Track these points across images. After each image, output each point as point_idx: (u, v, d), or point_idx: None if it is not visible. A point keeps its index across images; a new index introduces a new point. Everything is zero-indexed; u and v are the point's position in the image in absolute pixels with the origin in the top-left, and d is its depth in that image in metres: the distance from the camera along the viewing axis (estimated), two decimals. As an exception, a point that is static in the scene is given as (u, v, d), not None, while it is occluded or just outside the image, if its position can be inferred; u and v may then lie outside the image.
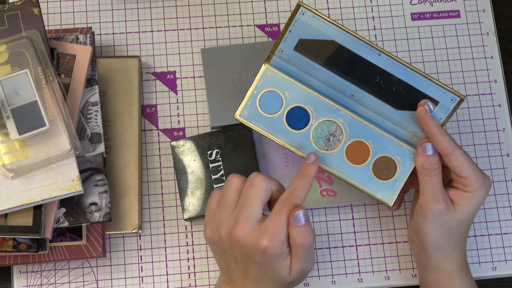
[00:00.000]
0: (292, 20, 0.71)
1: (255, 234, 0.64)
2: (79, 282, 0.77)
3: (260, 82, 0.74)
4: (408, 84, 0.72)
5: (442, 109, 0.72)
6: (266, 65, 0.74)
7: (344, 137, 0.74)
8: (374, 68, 0.72)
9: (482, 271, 0.80)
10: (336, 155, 0.74)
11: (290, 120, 0.74)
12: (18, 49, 0.71)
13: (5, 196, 0.69)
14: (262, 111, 0.74)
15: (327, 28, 0.71)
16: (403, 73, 0.71)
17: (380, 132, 0.74)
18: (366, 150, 0.74)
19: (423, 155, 0.70)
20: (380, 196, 0.73)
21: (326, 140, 0.74)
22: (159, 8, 0.86)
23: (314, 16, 0.71)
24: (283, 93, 0.74)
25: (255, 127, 0.73)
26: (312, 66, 0.73)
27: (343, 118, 0.74)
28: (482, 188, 0.69)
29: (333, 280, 0.79)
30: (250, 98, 0.74)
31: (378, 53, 0.71)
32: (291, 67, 0.74)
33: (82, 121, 0.75)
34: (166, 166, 0.81)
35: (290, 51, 0.73)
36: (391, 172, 0.74)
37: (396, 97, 0.72)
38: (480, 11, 0.87)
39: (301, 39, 0.72)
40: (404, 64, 0.71)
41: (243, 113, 0.74)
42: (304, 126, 0.74)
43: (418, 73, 0.71)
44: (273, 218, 0.64)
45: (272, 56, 0.73)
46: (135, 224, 0.77)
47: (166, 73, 0.84)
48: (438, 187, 0.69)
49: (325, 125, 0.74)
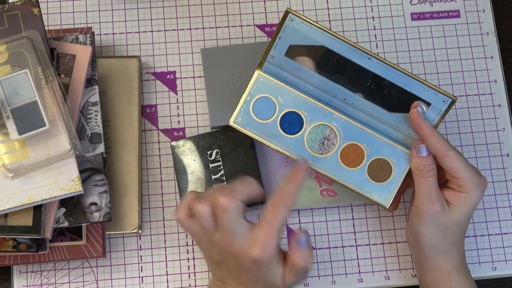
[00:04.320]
0: (281, 26, 0.71)
1: (246, 244, 0.63)
2: (79, 282, 0.77)
3: (253, 88, 0.74)
4: (400, 87, 0.72)
5: (435, 111, 0.72)
6: (258, 71, 0.74)
7: (338, 141, 0.74)
8: (365, 72, 0.72)
9: (482, 271, 0.80)
10: (331, 158, 0.74)
11: (284, 125, 0.74)
12: (18, 49, 0.71)
13: (5, 196, 0.69)
14: (256, 117, 0.74)
15: (316, 34, 0.71)
16: (394, 76, 0.71)
17: (374, 134, 0.74)
18: (361, 153, 0.74)
19: (418, 156, 0.70)
20: (376, 199, 0.74)
21: (321, 144, 0.74)
22: (159, 8, 0.86)
23: (303, 22, 0.71)
24: (276, 98, 0.74)
25: (249, 133, 0.74)
26: (304, 71, 0.73)
27: (337, 122, 0.74)
28: (478, 188, 0.69)
29: (333, 280, 0.79)
30: (244, 105, 0.74)
31: (368, 57, 0.71)
32: (283, 72, 0.74)
33: (82, 121, 0.75)
34: (166, 166, 0.81)
35: (281, 57, 0.73)
36: (386, 174, 0.74)
37: (388, 100, 0.73)
38: (480, 11, 0.87)
39: (292, 45, 0.72)
40: (394, 68, 0.71)
41: (237, 120, 0.74)
42: (298, 131, 0.74)
43: (409, 76, 0.71)
44: (263, 227, 0.63)
45: (264, 62, 0.74)
46: (135, 224, 0.77)
47: (166, 73, 0.84)
48: (433, 188, 0.69)
49: (319, 129, 0.74)
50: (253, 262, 0.63)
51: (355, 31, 0.86)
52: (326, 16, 0.86)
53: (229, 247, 0.64)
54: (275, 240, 0.63)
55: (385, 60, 0.71)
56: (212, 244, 0.65)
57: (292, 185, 0.64)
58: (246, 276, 0.64)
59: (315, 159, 0.73)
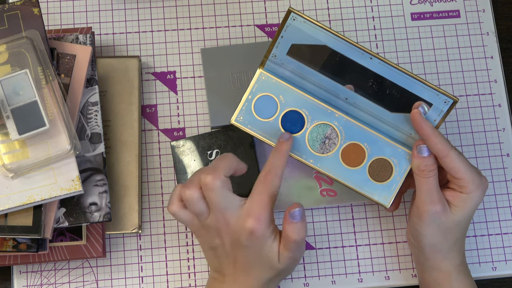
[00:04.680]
0: (283, 25, 0.71)
1: (240, 217, 0.65)
2: (79, 282, 0.77)
3: (254, 87, 0.74)
4: (401, 87, 0.72)
5: (436, 111, 0.72)
6: (260, 70, 0.74)
7: (339, 140, 0.74)
8: (367, 72, 0.72)
9: (482, 271, 0.80)
10: (332, 158, 0.74)
11: (285, 124, 0.74)
12: (18, 49, 0.71)
13: (5, 196, 0.69)
14: (257, 115, 0.74)
15: (318, 33, 0.71)
16: (396, 76, 0.71)
17: (375, 134, 0.74)
18: (362, 153, 0.74)
19: (419, 156, 0.70)
20: (377, 198, 0.74)
21: (322, 143, 0.74)
22: (159, 8, 0.86)
23: (305, 22, 0.71)
24: (278, 97, 0.74)
25: (250, 132, 0.74)
26: (306, 70, 0.73)
27: (338, 121, 0.74)
28: (478, 189, 0.69)
29: (333, 280, 0.79)
30: (245, 103, 0.74)
31: (370, 57, 0.71)
32: (285, 71, 0.74)
33: (82, 121, 0.75)
34: (166, 166, 0.81)
35: (283, 56, 0.73)
36: (387, 174, 0.74)
37: (390, 100, 0.72)
38: (480, 11, 0.87)
39: (294, 44, 0.72)
40: (396, 68, 0.71)
41: (239, 118, 0.74)
42: (299, 130, 0.74)
43: (410, 76, 0.71)
44: (255, 200, 0.66)
45: (266, 61, 0.74)
46: (135, 224, 0.77)
47: (166, 73, 0.84)
48: (434, 188, 0.69)
49: (320, 129, 0.74)
50: (249, 234, 0.65)
51: (355, 31, 0.86)
52: (326, 16, 0.86)
53: (224, 226, 0.66)
54: (268, 211, 0.66)
55: (386, 60, 0.71)
56: (208, 230, 0.67)
57: (278, 155, 0.69)
58: (243, 255, 0.66)
59: (316, 158, 0.74)
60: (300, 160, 0.73)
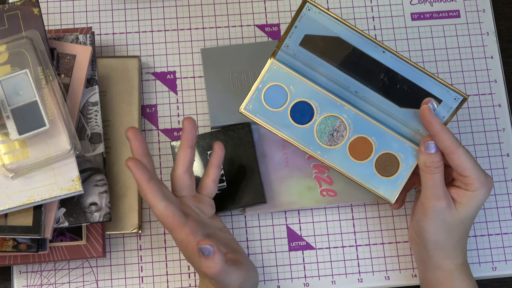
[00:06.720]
0: (298, 15, 0.71)
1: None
2: (79, 282, 0.77)
3: (265, 76, 0.74)
4: (412, 82, 0.72)
5: (445, 108, 0.72)
6: (272, 60, 0.74)
7: (347, 133, 0.74)
8: (378, 65, 0.72)
9: (482, 271, 0.80)
10: (339, 150, 0.74)
11: (295, 114, 0.74)
12: (18, 49, 0.71)
13: (5, 196, 0.69)
14: (267, 105, 0.74)
15: (333, 25, 0.71)
16: (407, 71, 0.71)
17: (383, 129, 0.74)
18: (369, 147, 0.74)
19: (426, 152, 0.70)
20: (382, 193, 0.74)
21: (330, 136, 0.74)
22: (159, 8, 0.86)
23: (320, 12, 0.71)
24: (288, 87, 0.74)
25: (259, 121, 0.74)
26: (317, 61, 0.73)
27: (347, 114, 0.74)
28: (484, 187, 0.69)
29: (333, 280, 0.79)
30: (255, 92, 0.74)
31: (383, 51, 0.71)
32: (296, 62, 0.74)
33: (82, 121, 0.75)
34: (166, 166, 0.81)
35: (296, 46, 0.73)
36: (394, 169, 0.74)
37: (400, 94, 0.73)
38: (480, 11, 0.87)
39: (307, 35, 0.72)
40: (408, 62, 0.71)
41: (248, 107, 0.74)
42: (308, 121, 0.74)
43: (422, 72, 0.71)
44: None
45: (278, 51, 0.74)
46: (135, 224, 0.77)
47: (166, 73, 0.84)
48: (439, 184, 0.69)
49: (329, 121, 0.74)
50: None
51: (355, 31, 0.86)
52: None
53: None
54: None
55: (399, 54, 0.71)
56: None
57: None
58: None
59: (324, 150, 0.73)
60: (307, 151, 0.73)
